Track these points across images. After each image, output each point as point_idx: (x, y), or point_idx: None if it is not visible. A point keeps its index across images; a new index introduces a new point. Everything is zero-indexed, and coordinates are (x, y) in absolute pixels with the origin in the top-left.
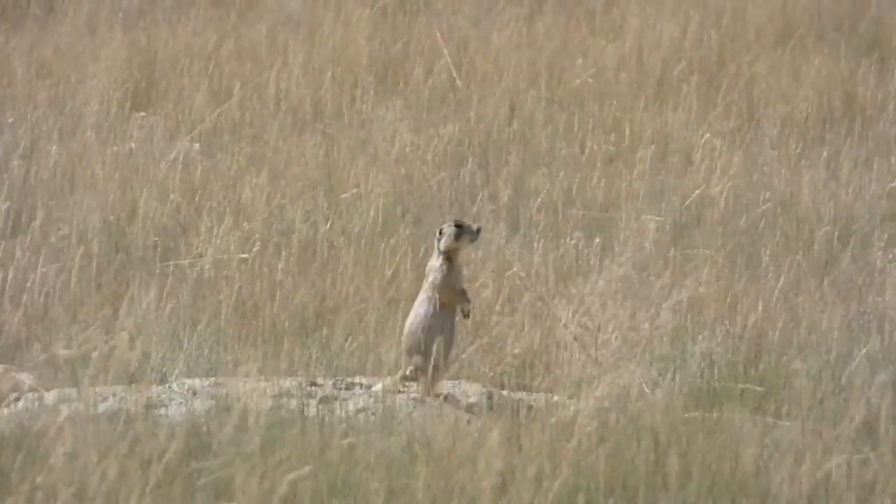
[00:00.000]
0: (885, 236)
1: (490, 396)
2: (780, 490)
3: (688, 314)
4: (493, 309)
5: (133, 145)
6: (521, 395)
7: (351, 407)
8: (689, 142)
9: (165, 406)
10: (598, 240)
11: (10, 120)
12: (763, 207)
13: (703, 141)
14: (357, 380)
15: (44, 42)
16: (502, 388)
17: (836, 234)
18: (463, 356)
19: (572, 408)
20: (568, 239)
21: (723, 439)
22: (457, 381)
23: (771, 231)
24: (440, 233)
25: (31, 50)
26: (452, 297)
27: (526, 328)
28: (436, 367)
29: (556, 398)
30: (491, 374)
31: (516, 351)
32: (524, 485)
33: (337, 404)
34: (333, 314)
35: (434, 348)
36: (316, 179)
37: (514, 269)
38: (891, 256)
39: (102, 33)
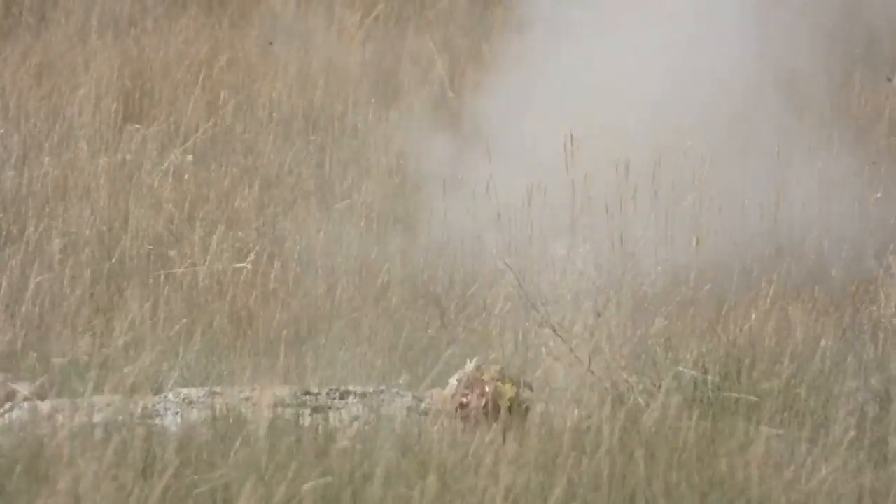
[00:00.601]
0: (879, 245)
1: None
2: (775, 499)
3: (678, 322)
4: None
5: (126, 156)
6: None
7: (345, 416)
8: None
9: (161, 416)
10: (587, 246)
11: (2, 130)
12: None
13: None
14: (351, 388)
15: (36, 51)
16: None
17: (828, 242)
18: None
19: (563, 417)
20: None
21: (717, 448)
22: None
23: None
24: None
25: (23, 59)
26: None
27: (508, 333)
28: None
29: (549, 407)
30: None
31: (492, 356)
32: (525, 493)
33: (331, 413)
34: (327, 323)
35: None
36: (309, 189)
37: (500, 264)
38: (885, 264)
39: (93, 42)
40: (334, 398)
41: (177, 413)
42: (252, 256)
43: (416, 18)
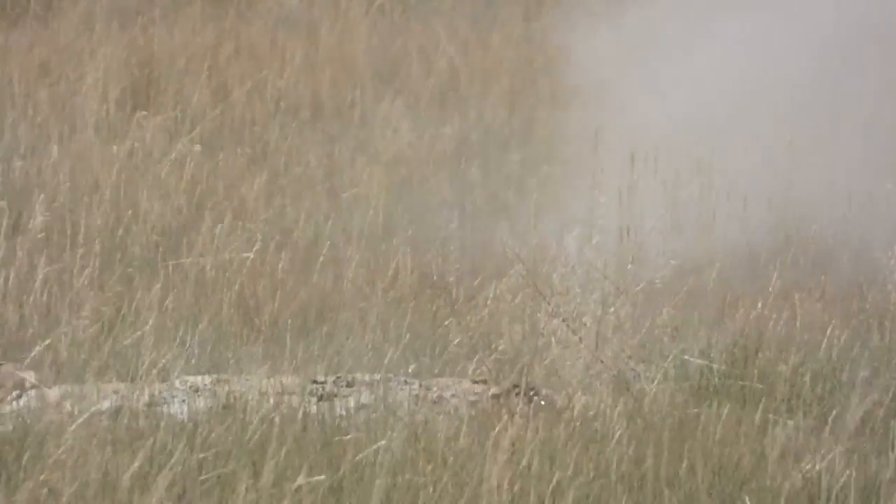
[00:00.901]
0: (887, 235)
1: (496, 394)
2: (779, 487)
3: (686, 312)
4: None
5: (134, 145)
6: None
7: (352, 404)
8: None
9: (167, 404)
10: (595, 239)
11: (10, 119)
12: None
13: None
14: (358, 377)
15: (43, 41)
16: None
17: (835, 232)
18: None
19: (571, 405)
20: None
21: (722, 436)
22: (458, 380)
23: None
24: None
25: (30, 49)
26: None
27: (514, 322)
28: None
29: (554, 395)
30: (478, 371)
31: (501, 347)
32: (530, 482)
33: (338, 401)
34: (335, 312)
35: None
36: (316, 179)
37: (510, 253)
38: (894, 254)
39: (100, 32)
40: (341, 386)
41: (183, 401)
42: (258, 246)
43: (420, 8)
